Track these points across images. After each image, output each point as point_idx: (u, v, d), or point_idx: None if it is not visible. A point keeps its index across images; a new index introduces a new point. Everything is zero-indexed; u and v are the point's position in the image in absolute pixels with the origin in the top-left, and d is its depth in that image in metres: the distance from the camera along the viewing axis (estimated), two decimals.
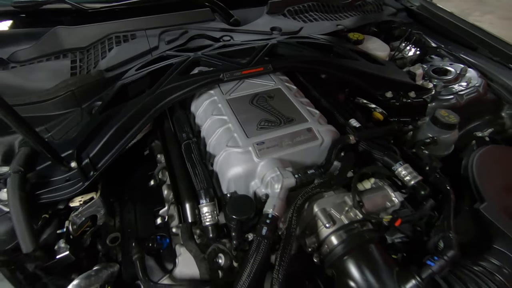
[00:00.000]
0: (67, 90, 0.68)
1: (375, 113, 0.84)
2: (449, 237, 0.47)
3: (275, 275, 0.44)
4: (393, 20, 1.15)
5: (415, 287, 0.44)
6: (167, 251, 0.59)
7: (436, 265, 0.44)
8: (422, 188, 0.54)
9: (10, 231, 0.54)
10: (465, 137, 0.85)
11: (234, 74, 0.69)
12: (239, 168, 0.56)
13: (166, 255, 0.58)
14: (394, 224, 0.51)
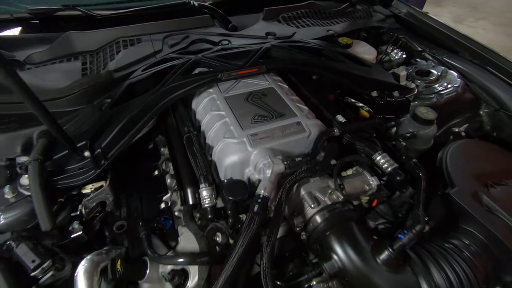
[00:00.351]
0: (80, 88, 0.76)
1: (361, 111, 0.91)
2: (417, 214, 0.54)
3: (264, 248, 0.51)
4: (382, 26, 1.23)
5: (387, 257, 0.51)
6: (170, 231, 0.65)
7: (405, 237, 0.51)
8: (397, 174, 0.61)
9: (31, 212, 0.60)
10: (446, 133, 0.92)
11: (231, 74, 0.76)
12: (235, 157, 0.62)
13: (170, 234, 0.65)
14: (372, 205, 0.58)
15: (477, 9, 4.30)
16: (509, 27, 3.81)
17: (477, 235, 0.60)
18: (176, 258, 0.55)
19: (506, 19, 4.01)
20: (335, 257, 0.53)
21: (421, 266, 0.52)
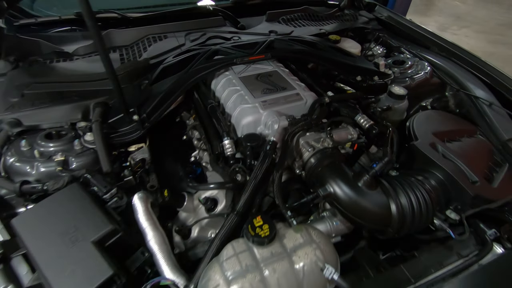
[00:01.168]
0: (124, 71, 0.95)
1: (348, 91, 1.11)
2: (386, 150, 0.73)
3: (275, 174, 0.70)
4: (366, 27, 1.45)
5: (365, 180, 0.69)
6: (200, 176, 0.84)
7: (377, 166, 0.70)
8: (373, 129, 0.81)
9: (93, 160, 0.78)
10: (417, 110, 1.12)
11: (244, 59, 0.97)
12: (250, 118, 0.82)
13: (199, 178, 0.83)
14: (354, 148, 0.77)
15: (460, 18, 4.61)
16: (490, 34, 4.11)
17: (434, 173, 0.79)
18: (209, 185, 0.74)
19: (487, 27, 4.32)
20: (327, 184, 0.72)
21: (391, 190, 0.71)
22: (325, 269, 0.56)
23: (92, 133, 0.80)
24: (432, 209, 0.71)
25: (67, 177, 0.70)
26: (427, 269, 0.68)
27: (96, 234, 0.59)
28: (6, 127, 0.80)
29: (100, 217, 0.62)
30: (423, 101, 1.14)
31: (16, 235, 0.60)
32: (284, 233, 0.62)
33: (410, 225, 0.69)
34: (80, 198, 0.65)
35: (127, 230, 0.65)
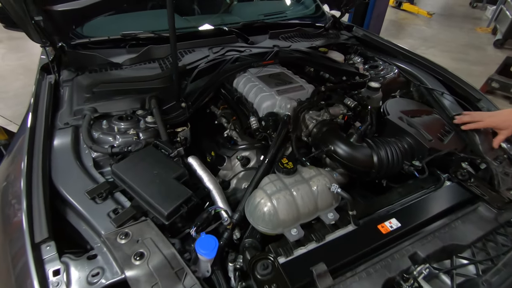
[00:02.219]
0: (167, 74, 1.25)
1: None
2: (367, 118, 1.04)
3: (292, 136, 0.99)
4: (346, 42, 1.82)
5: (354, 139, 0.99)
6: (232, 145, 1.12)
7: (362, 127, 1.00)
8: (356, 107, 1.13)
9: (155, 134, 1.04)
10: None
11: (258, 63, 1.29)
12: (268, 102, 1.12)
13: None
14: (344, 119, 1.09)
15: (427, 40, 5.22)
16: (453, 53, 4.68)
17: (403, 137, 1.10)
18: (243, 145, 1.02)
19: (450, 47, 4.92)
20: (328, 142, 1.01)
21: (373, 145, 1.01)
22: (331, 187, 0.85)
23: (152, 116, 1.08)
24: (401, 158, 1.02)
25: (144, 141, 0.97)
26: (401, 195, 0.97)
27: (174, 174, 0.86)
28: (89, 113, 1.06)
29: (173, 164, 0.89)
30: (393, 94, 1.47)
31: (116, 176, 0.86)
32: (302, 170, 0.91)
33: (386, 168, 0.99)
34: (155, 154, 0.92)
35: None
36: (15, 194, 0.81)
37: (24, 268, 0.66)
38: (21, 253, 0.68)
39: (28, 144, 0.90)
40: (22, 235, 0.69)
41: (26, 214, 0.72)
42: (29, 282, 0.63)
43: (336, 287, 0.70)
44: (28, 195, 0.76)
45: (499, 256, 0.82)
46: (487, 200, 0.93)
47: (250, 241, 0.82)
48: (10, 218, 0.80)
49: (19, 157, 0.90)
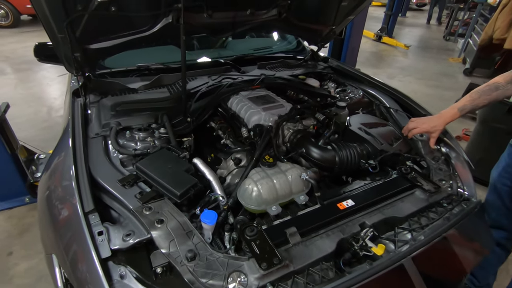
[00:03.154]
0: (175, 96, 1.56)
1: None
2: (332, 127, 1.35)
3: (274, 140, 1.29)
4: (323, 71, 2.19)
5: (322, 143, 1.29)
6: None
7: (327, 134, 1.31)
8: (324, 120, 1.44)
9: (167, 141, 1.34)
10: None
11: (248, 87, 1.62)
12: (256, 117, 1.43)
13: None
14: (314, 128, 1.40)
15: (405, 69, 5.74)
16: (428, 80, 5.17)
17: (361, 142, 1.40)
18: (236, 149, 1.31)
19: (425, 75, 5.42)
20: (302, 146, 1.31)
21: (336, 148, 1.31)
22: (302, 175, 1.13)
23: (164, 128, 1.38)
24: (358, 158, 1.31)
25: (159, 146, 1.26)
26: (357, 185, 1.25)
27: (183, 168, 1.14)
28: (114, 126, 1.35)
29: (182, 161, 1.18)
30: (356, 111, 1.81)
31: (139, 170, 1.13)
32: (280, 164, 1.20)
33: (346, 165, 1.28)
34: (168, 155, 1.21)
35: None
36: (64, 188, 1.07)
37: (78, 230, 0.91)
38: (75, 221, 0.93)
39: (73, 148, 1.17)
40: (76, 209, 0.95)
41: (78, 194, 0.98)
42: (83, 240, 0.88)
43: (303, 244, 0.97)
44: (77, 183, 1.03)
45: (427, 225, 1.09)
46: (422, 187, 1.22)
47: (241, 218, 1.09)
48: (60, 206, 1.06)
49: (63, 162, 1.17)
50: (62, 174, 1.12)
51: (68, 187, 1.03)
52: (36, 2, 1.09)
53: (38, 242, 2.00)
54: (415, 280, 0.92)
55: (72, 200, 0.97)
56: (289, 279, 0.88)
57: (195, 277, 0.84)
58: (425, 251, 0.97)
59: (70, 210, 0.98)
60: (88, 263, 0.85)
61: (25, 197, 2.31)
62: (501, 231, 1.51)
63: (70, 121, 1.35)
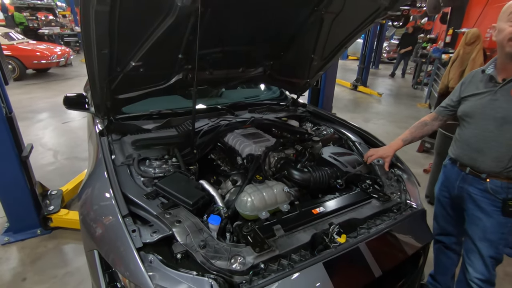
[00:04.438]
0: (183, 134, 1.96)
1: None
2: (306, 154, 1.75)
3: (263, 163, 1.67)
4: (301, 114, 2.66)
5: (300, 166, 1.68)
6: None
7: (303, 160, 1.70)
8: (301, 150, 1.85)
9: (178, 167, 1.69)
10: None
11: (242, 126, 2.04)
12: (248, 148, 1.82)
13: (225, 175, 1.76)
14: (293, 156, 1.79)
15: (378, 114, 6.43)
16: (398, 123, 5.81)
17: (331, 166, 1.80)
18: (232, 172, 1.67)
19: (396, 119, 6.08)
20: (284, 169, 1.69)
21: (310, 170, 1.68)
22: (284, 188, 1.49)
23: (175, 158, 1.74)
24: (328, 178, 1.68)
25: (173, 170, 1.61)
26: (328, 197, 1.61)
27: (193, 185, 1.48)
28: (136, 156, 1.71)
29: (192, 181, 1.52)
30: (328, 144, 2.23)
31: (159, 187, 1.46)
32: (267, 182, 1.56)
33: (319, 184, 1.65)
34: (180, 176, 1.55)
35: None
36: (105, 200, 1.38)
37: (118, 229, 1.21)
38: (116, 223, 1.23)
39: (107, 173, 1.50)
40: (115, 214, 1.26)
41: (116, 204, 1.30)
42: (123, 235, 1.18)
43: (286, 236, 1.29)
44: (114, 196, 1.35)
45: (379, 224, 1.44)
46: (376, 198, 1.59)
47: (239, 222, 1.41)
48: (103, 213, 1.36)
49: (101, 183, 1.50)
50: (101, 191, 1.44)
51: (108, 199, 1.35)
52: (89, 63, 1.50)
53: (50, 268, 2.20)
54: (368, 258, 1.24)
55: (112, 208, 1.29)
56: (276, 261, 1.20)
57: (206, 259, 1.14)
58: (375, 239, 1.31)
59: (111, 216, 1.29)
60: (127, 252, 1.15)
61: (37, 229, 2.51)
62: (450, 237, 1.85)
63: (102, 154, 1.70)
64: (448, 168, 1.72)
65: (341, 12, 1.85)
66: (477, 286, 1.56)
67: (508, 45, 1.32)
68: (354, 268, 1.24)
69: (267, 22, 1.90)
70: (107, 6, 1.16)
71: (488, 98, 1.43)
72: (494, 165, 1.43)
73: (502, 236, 1.48)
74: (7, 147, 2.23)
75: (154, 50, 1.61)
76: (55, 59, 8.98)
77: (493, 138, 1.41)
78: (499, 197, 1.44)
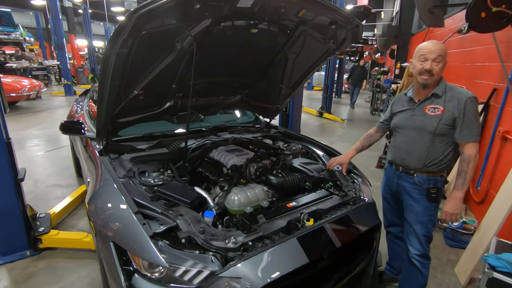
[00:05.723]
0: (175, 151, 2.28)
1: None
2: (279, 164, 2.14)
3: (245, 172, 2.03)
4: (274, 135, 3.09)
5: (275, 172, 2.06)
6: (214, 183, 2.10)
7: (277, 167, 2.09)
8: (275, 161, 2.24)
9: (173, 177, 2.00)
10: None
11: (225, 144, 2.41)
12: (231, 160, 2.18)
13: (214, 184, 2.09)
14: (269, 165, 2.18)
15: (342, 137, 7.11)
16: None
17: (300, 172, 2.20)
18: (221, 179, 2.01)
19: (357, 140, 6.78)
20: (262, 175, 2.06)
21: (284, 175, 2.07)
22: (264, 188, 1.86)
23: (170, 170, 2.05)
24: (298, 181, 2.08)
25: (170, 179, 1.91)
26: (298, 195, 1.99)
27: (189, 189, 1.80)
28: (136, 170, 1.99)
29: (188, 186, 1.84)
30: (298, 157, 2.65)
31: (160, 192, 1.75)
32: (250, 184, 1.92)
33: (291, 186, 2.03)
34: (177, 183, 1.87)
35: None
36: (118, 202, 1.65)
37: (132, 223, 1.49)
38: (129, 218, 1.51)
39: (117, 184, 1.77)
40: (129, 211, 1.54)
41: (128, 203, 1.58)
42: (136, 227, 1.46)
43: (267, 222, 1.63)
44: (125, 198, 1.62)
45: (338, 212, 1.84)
46: (336, 194, 2.00)
47: (228, 217, 1.74)
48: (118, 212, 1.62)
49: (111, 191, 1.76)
50: (113, 197, 1.70)
51: (120, 202, 1.62)
52: (101, 92, 1.81)
53: (44, 285, 2.31)
54: (330, 233, 1.62)
55: (126, 209, 1.57)
56: (261, 241, 1.53)
57: (206, 241, 1.45)
58: (335, 221, 1.70)
59: (126, 214, 1.56)
60: (142, 240, 1.42)
61: (26, 251, 2.60)
62: (396, 227, 2.29)
63: (106, 170, 1.96)
64: (387, 170, 2.20)
65: (301, 52, 2.37)
66: (417, 261, 1.97)
67: (419, 77, 1.85)
68: (320, 240, 1.61)
69: (244, 59, 2.37)
70: (127, 49, 1.54)
71: (410, 113, 1.95)
72: (417, 163, 1.91)
73: (430, 218, 1.93)
74: (5, 170, 2.40)
75: (154, 81, 1.98)
76: (26, 92, 8.92)
77: (415, 142, 1.91)
78: (424, 187, 1.91)
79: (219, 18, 1.71)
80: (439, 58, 1.74)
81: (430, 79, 1.78)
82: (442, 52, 1.74)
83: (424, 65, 1.78)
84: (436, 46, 1.75)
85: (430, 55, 1.75)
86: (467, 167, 1.78)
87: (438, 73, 1.77)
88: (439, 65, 1.75)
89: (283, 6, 1.79)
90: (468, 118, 1.75)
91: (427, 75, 1.78)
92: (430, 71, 1.76)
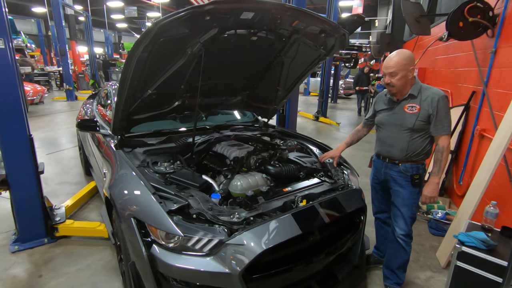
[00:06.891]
0: (183, 145, 2.54)
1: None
2: (276, 156, 2.41)
3: (245, 161, 2.29)
4: (272, 133, 3.36)
5: (273, 162, 2.32)
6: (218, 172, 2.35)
7: (275, 159, 2.35)
8: (272, 154, 2.50)
9: (182, 167, 2.25)
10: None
11: (227, 139, 2.67)
12: (234, 153, 2.44)
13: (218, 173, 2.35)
14: (267, 157, 2.44)
15: (337, 140, 7.40)
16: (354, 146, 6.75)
17: (296, 163, 2.47)
18: (225, 168, 2.27)
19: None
20: (262, 165, 2.32)
21: (280, 165, 2.33)
22: (263, 176, 2.12)
23: (180, 161, 2.30)
24: (293, 171, 2.34)
25: (180, 168, 2.16)
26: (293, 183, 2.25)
27: (197, 176, 2.05)
28: (149, 160, 2.24)
29: (196, 173, 2.10)
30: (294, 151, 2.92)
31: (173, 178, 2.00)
32: (250, 172, 2.18)
33: (287, 175, 2.30)
34: (187, 171, 2.12)
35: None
36: (136, 190, 1.90)
37: (151, 202, 1.74)
38: (147, 197, 1.76)
39: (135, 172, 2.03)
40: (147, 192, 1.79)
41: (146, 186, 1.83)
42: (155, 204, 1.71)
43: (266, 203, 1.89)
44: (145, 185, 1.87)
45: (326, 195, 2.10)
46: (327, 181, 2.26)
47: (232, 199, 1.99)
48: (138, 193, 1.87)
49: (130, 176, 2.01)
50: (132, 182, 1.95)
51: (139, 186, 1.87)
52: (121, 91, 2.07)
53: (62, 267, 2.53)
54: (320, 211, 1.88)
55: (145, 190, 1.82)
56: (260, 217, 1.78)
57: (214, 216, 1.70)
58: (325, 201, 1.96)
59: (145, 194, 1.81)
60: (160, 214, 1.68)
61: (44, 238, 2.82)
62: (384, 213, 2.54)
63: (124, 161, 2.21)
64: (375, 162, 2.46)
65: (295, 57, 2.66)
66: (402, 240, 2.22)
67: (387, 87, 2.13)
68: (311, 216, 1.86)
69: (245, 63, 2.65)
70: (147, 53, 1.81)
71: (391, 112, 2.22)
72: (400, 154, 2.18)
73: (414, 201, 2.19)
74: (28, 163, 2.64)
75: (165, 82, 2.25)
76: (30, 97, 9.16)
77: (397, 137, 2.18)
78: (408, 174, 2.17)
79: (224, 28, 1.99)
80: (394, 72, 1.99)
81: (393, 89, 2.07)
82: (396, 65, 1.98)
83: (384, 79, 2.07)
84: (390, 62, 2.01)
85: (386, 70, 2.04)
86: (441, 156, 2.05)
87: (397, 83, 2.02)
88: (395, 77, 2.00)
89: (279, 17, 2.08)
90: (441, 114, 2.02)
91: (389, 87, 2.07)
92: (388, 84, 2.04)
